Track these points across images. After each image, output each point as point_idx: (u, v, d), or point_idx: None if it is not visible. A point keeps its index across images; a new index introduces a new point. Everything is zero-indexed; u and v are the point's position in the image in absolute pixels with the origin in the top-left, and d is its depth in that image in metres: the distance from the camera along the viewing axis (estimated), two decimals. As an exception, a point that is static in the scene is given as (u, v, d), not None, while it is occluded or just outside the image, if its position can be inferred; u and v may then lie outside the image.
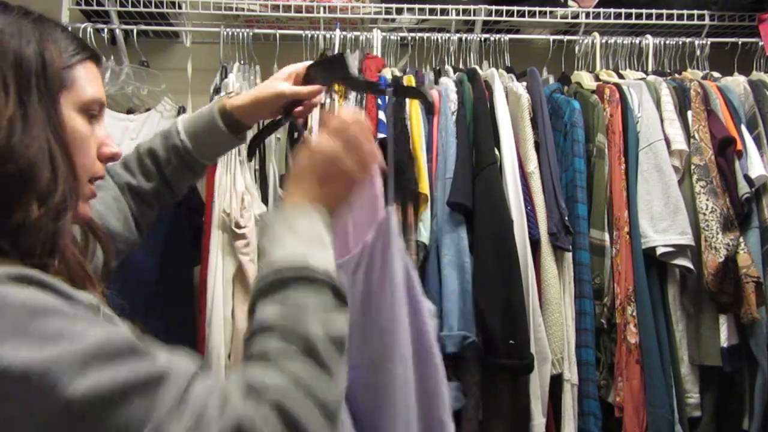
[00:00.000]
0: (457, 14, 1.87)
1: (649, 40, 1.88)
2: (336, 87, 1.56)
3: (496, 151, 1.47)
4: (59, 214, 0.60)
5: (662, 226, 1.48)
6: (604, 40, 1.86)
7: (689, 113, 1.59)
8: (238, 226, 1.56)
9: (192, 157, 0.99)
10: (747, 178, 1.52)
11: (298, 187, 0.73)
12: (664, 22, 1.92)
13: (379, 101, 1.48)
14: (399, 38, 1.85)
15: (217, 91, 1.71)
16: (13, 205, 0.57)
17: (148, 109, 1.81)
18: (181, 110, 1.83)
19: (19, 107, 0.59)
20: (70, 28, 0.74)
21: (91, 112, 0.68)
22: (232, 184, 1.59)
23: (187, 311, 1.66)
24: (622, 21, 1.91)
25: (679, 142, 1.54)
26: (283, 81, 0.98)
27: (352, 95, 1.51)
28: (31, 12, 0.66)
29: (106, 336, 0.52)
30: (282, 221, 0.68)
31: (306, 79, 0.99)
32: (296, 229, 0.67)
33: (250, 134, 1.08)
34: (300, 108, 1.00)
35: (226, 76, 1.73)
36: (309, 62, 1.01)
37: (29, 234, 0.58)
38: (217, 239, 1.57)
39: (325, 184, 0.73)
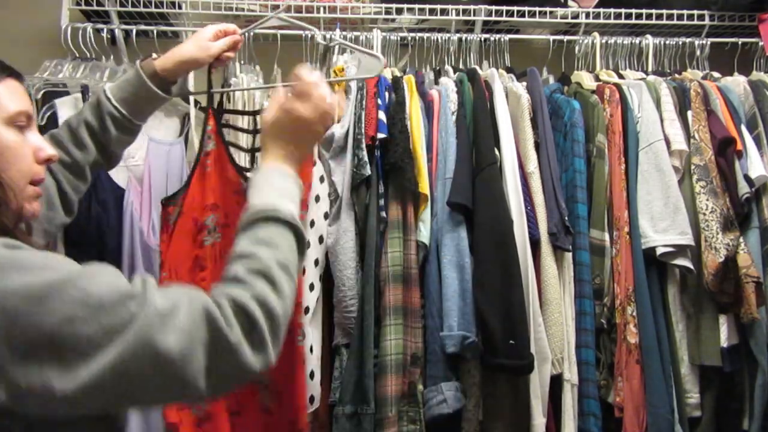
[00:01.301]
0: (457, 14, 1.87)
1: (649, 40, 1.88)
2: (336, 88, 1.56)
3: (496, 151, 1.47)
4: (14, 215, 0.73)
5: (662, 226, 1.48)
6: (604, 40, 1.86)
7: (689, 113, 1.59)
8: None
9: (127, 119, 1.14)
10: (747, 178, 1.52)
11: (273, 147, 0.93)
12: (664, 22, 1.92)
13: (379, 101, 1.48)
14: (399, 38, 1.85)
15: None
16: None
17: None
18: (186, 117, 1.82)
19: None
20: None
21: (19, 123, 0.78)
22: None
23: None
24: (622, 21, 1.91)
25: (679, 142, 1.54)
26: (211, 41, 1.20)
27: (353, 95, 1.51)
28: None
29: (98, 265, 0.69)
30: (262, 178, 0.88)
31: None
32: (272, 184, 0.87)
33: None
34: (220, 61, 1.25)
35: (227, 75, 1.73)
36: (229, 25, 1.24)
37: None
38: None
39: (295, 143, 0.93)
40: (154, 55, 1.19)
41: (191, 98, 1.79)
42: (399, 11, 1.87)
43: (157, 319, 0.64)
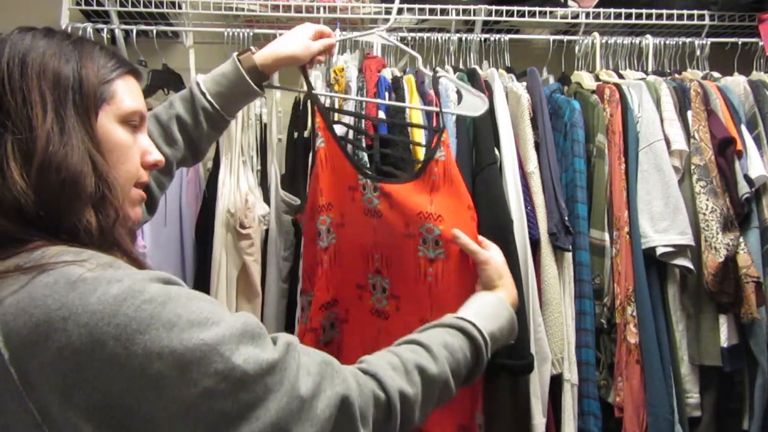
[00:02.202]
0: (457, 14, 1.87)
1: (649, 40, 1.88)
2: (336, 89, 1.56)
3: (496, 151, 1.47)
4: (115, 214, 0.67)
5: (662, 226, 1.48)
6: (604, 40, 1.86)
7: (689, 113, 1.59)
8: (242, 226, 1.56)
9: (220, 115, 1.10)
10: (747, 178, 1.52)
11: (506, 290, 1.09)
12: (664, 22, 1.92)
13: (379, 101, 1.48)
14: (399, 38, 1.85)
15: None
16: (69, 211, 0.63)
17: (149, 109, 1.80)
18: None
19: (57, 121, 0.65)
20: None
21: (132, 122, 0.75)
22: (236, 184, 1.59)
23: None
24: (622, 21, 1.91)
25: (679, 142, 1.54)
26: (307, 40, 1.16)
27: (352, 94, 1.51)
28: (71, 35, 0.73)
29: (245, 319, 0.64)
30: (491, 301, 1.02)
31: None
32: (498, 315, 0.99)
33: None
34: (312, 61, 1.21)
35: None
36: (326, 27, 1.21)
37: (91, 234, 0.64)
38: (221, 239, 1.57)
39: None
40: (253, 49, 1.13)
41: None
42: (399, 11, 1.87)
43: (296, 406, 0.62)
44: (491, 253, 1.12)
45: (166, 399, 0.56)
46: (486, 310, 0.98)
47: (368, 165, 1.39)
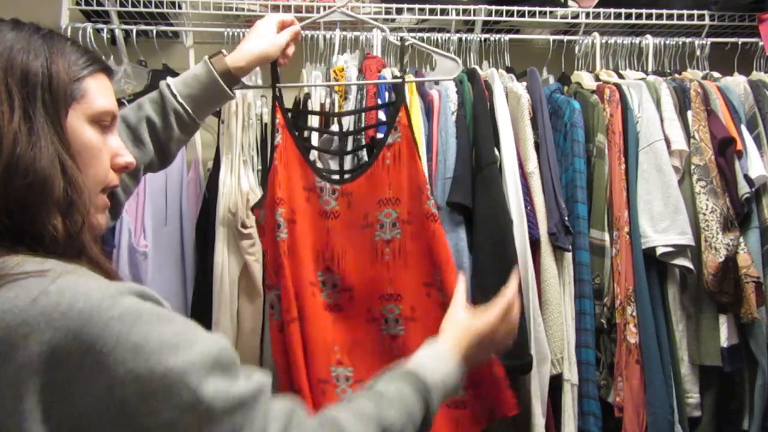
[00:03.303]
0: (457, 14, 1.87)
1: (649, 40, 1.88)
2: (336, 88, 1.57)
3: (496, 151, 1.47)
4: (82, 220, 0.63)
5: (662, 226, 1.48)
6: (604, 40, 1.87)
7: (689, 113, 1.59)
8: (243, 226, 1.57)
9: (191, 118, 1.06)
10: (747, 178, 1.52)
11: (461, 345, 0.90)
12: (664, 22, 1.92)
13: (379, 101, 1.48)
14: (399, 38, 1.85)
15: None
16: (35, 216, 0.60)
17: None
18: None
19: (24, 121, 0.61)
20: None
21: (103, 123, 0.70)
22: (237, 184, 1.60)
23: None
24: (622, 21, 1.91)
25: (679, 142, 1.54)
26: (273, 36, 1.13)
27: (352, 95, 1.51)
28: (41, 28, 0.68)
29: (220, 346, 0.60)
30: (443, 354, 0.87)
31: None
32: (445, 373, 0.84)
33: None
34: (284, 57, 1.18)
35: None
36: (287, 15, 1.18)
37: (57, 242, 0.60)
38: (222, 239, 1.57)
39: (478, 354, 0.94)
40: (224, 52, 1.11)
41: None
42: (399, 11, 1.87)
43: None
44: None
45: (127, 427, 0.53)
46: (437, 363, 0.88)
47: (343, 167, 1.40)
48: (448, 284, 1.21)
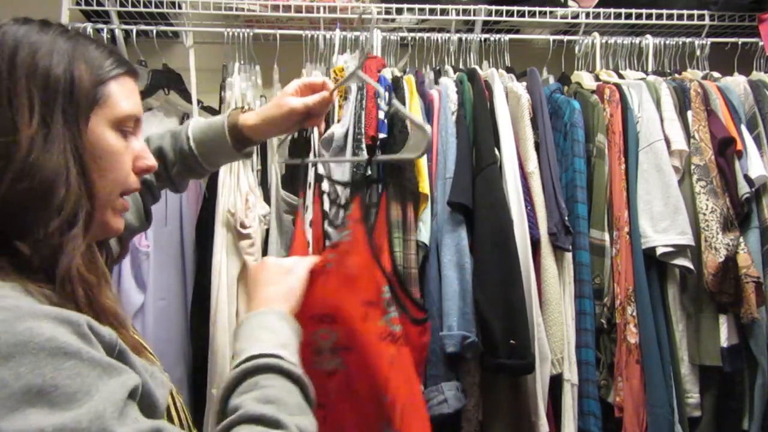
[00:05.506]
0: (457, 14, 1.87)
1: (649, 40, 1.88)
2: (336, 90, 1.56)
3: (496, 151, 1.47)
4: (71, 231, 0.61)
5: (662, 226, 1.48)
6: (604, 40, 1.87)
7: (689, 113, 1.59)
8: (243, 226, 1.57)
9: (197, 162, 1.01)
10: (747, 178, 1.52)
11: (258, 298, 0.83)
12: (664, 22, 1.92)
13: (379, 101, 1.48)
14: (399, 38, 1.85)
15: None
16: (31, 223, 0.59)
17: (149, 109, 1.81)
18: (185, 116, 1.83)
19: (42, 126, 0.60)
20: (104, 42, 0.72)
21: (126, 128, 0.69)
22: (236, 184, 1.60)
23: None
24: (622, 21, 1.91)
25: (679, 142, 1.54)
26: (291, 96, 1.00)
27: (352, 96, 1.51)
28: (68, 30, 0.67)
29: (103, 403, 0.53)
30: (255, 324, 0.77)
31: None
32: (271, 328, 0.76)
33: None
34: (311, 119, 1.04)
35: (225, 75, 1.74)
36: (315, 76, 1.05)
37: (45, 251, 0.59)
38: (221, 239, 1.57)
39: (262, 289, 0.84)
40: (246, 107, 1.06)
41: (194, 97, 1.80)
42: (399, 11, 1.87)
43: None
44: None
45: None
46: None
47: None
48: None
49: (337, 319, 0.93)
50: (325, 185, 1.45)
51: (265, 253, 1.62)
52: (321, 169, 1.48)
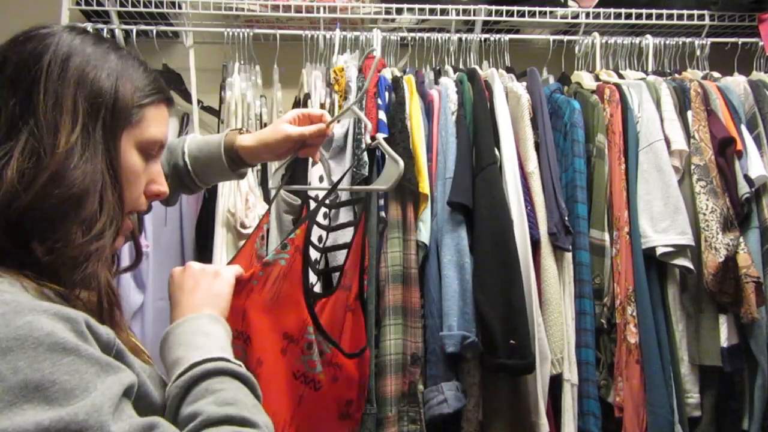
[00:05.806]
0: (457, 14, 1.87)
1: (649, 40, 1.88)
2: (336, 88, 1.57)
3: (496, 151, 1.47)
4: (98, 243, 0.62)
5: (662, 226, 1.48)
6: (604, 40, 1.87)
7: (689, 113, 1.59)
8: (243, 226, 1.57)
9: (190, 179, 1.02)
10: (747, 178, 1.52)
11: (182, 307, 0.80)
12: (664, 22, 1.93)
13: (379, 101, 1.48)
14: (399, 38, 1.85)
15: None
16: (57, 227, 0.60)
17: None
18: (185, 117, 1.83)
19: (83, 135, 0.62)
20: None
21: (149, 151, 0.71)
22: (236, 184, 1.60)
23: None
24: (622, 21, 1.92)
25: (679, 142, 1.54)
26: (288, 123, 1.02)
27: (352, 96, 1.51)
28: (120, 48, 0.70)
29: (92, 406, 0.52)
30: (189, 330, 0.74)
31: None
32: (206, 333, 0.73)
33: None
34: (306, 149, 1.04)
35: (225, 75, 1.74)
36: (316, 110, 1.07)
37: (66, 257, 0.60)
38: (221, 239, 1.57)
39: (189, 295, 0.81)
40: (244, 129, 1.07)
41: (194, 98, 1.80)
42: (399, 11, 1.87)
43: None
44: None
45: None
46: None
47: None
48: None
49: (253, 343, 0.90)
50: (319, 170, 1.43)
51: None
52: (321, 170, 1.48)
